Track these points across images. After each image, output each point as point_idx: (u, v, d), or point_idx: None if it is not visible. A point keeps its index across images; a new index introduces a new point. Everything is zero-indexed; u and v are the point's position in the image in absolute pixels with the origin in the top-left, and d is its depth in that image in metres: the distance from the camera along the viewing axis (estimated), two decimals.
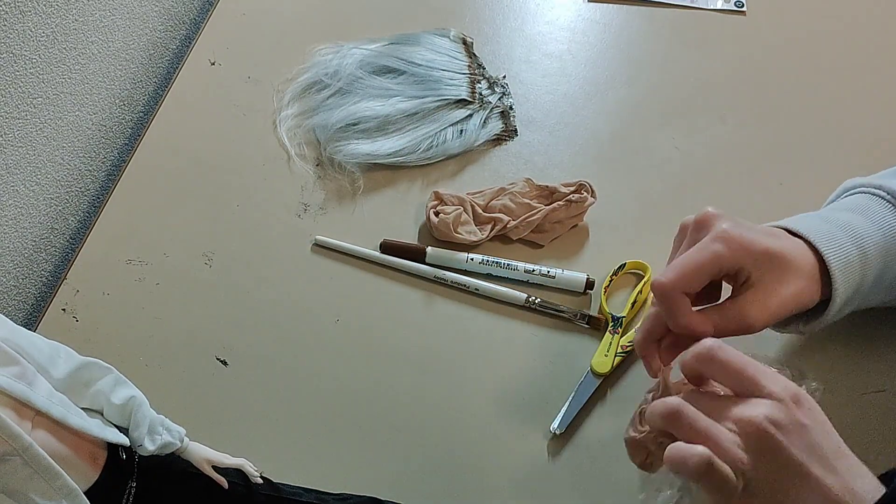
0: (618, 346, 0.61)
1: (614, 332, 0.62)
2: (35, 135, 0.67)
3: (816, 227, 0.50)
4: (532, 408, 0.59)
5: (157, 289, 0.65)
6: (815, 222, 0.51)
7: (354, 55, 0.79)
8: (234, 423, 0.59)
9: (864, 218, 0.52)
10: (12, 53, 0.62)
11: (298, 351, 0.62)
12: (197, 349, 0.62)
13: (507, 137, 0.75)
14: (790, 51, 0.82)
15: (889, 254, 0.51)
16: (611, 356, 0.60)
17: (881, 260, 0.51)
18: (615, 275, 0.65)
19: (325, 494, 0.54)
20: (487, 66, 0.80)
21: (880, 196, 0.53)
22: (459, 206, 0.68)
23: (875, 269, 0.51)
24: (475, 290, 0.65)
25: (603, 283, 0.64)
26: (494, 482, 0.56)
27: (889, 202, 0.53)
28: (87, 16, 0.71)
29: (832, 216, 0.53)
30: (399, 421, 0.59)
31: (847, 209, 0.54)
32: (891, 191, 0.53)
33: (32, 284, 0.70)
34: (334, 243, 0.67)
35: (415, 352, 0.62)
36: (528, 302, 0.64)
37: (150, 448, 0.48)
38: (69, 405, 0.45)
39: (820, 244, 0.49)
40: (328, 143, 0.73)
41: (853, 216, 0.52)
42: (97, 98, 0.75)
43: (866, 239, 0.51)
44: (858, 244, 0.50)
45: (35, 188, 0.68)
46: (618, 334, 0.61)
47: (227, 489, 0.51)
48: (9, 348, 0.43)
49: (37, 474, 0.41)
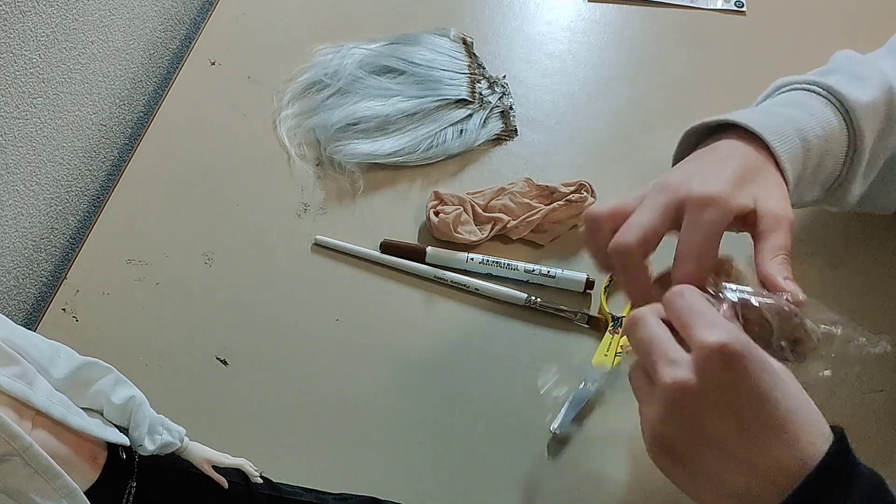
0: (618, 346, 0.61)
1: (614, 332, 0.62)
2: (35, 135, 0.67)
3: (763, 122, 0.50)
4: (532, 408, 0.59)
5: (157, 289, 0.66)
6: (761, 116, 0.51)
7: (354, 55, 0.79)
8: (234, 423, 0.59)
9: (803, 112, 0.52)
10: (12, 53, 0.62)
11: (298, 351, 0.62)
12: (197, 349, 0.62)
13: (507, 137, 0.75)
14: (790, 51, 0.82)
15: (826, 147, 0.52)
16: (611, 356, 0.60)
17: (819, 153, 0.52)
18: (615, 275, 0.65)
19: (325, 494, 0.54)
20: (487, 66, 0.80)
21: (816, 92, 0.54)
22: (459, 206, 0.68)
23: (813, 161, 0.52)
24: (475, 290, 0.65)
25: (603, 283, 0.64)
26: (494, 482, 0.56)
27: (825, 98, 0.53)
28: (87, 16, 0.71)
29: (774, 110, 0.53)
30: (399, 421, 0.59)
31: (786, 104, 0.54)
32: (826, 86, 0.53)
33: (32, 284, 0.70)
34: (334, 243, 0.67)
35: (415, 352, 0.62)
36: (528, 302, 0.64)
37: (150, 448, 0.48)
38: (69, 405, 0.45)
39: (770, 138, 0.49)
40: (328, 143, 0.73)
41: (794, 111, 0.52)
42: (97, 98, 0.75)
43: (808, 132, 0.51)
44: (802, 136, 0.51)
45: (35, 188, 0.68)
46: (618, 334, 0.61)
47: (227, 489, 0.51)
48: (9, 348, 0.43)
49: (37, 474, 0.41)
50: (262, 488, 0.52)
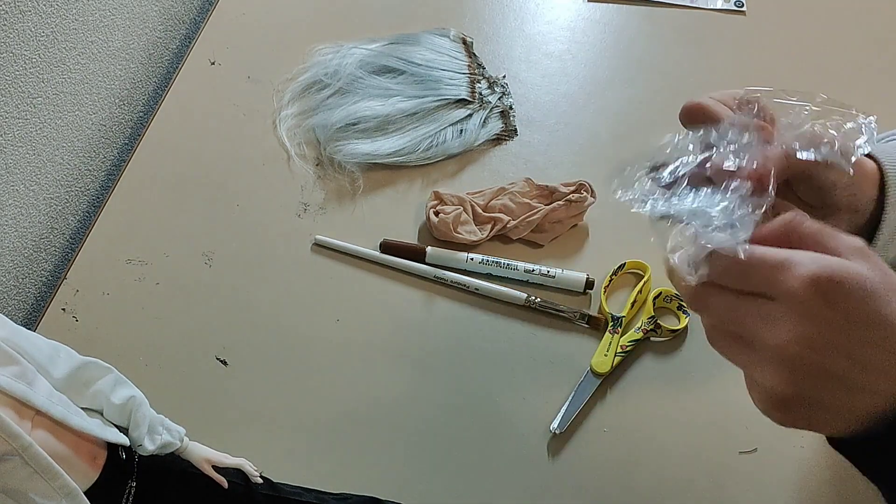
0: (618, 346, 0.61)
1: (614, 332, 0.62)
2: (35, 135, 0.67)
3: (884, 149, 0.48)
4: (532, 408, 0.59)
5: (157, 289, 0.66)
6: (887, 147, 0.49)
7: (354, 55, 0.79)
8: (234, 423, 0.59)
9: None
10: (12, 53, 0.62)
11: (298, 351, 0.62)
12: (197, 349, 0.62)
13: (507, 137, 0.75)
14: (790, 51, 0.82)
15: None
16: (610, 356, 0.60)
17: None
18: (615, 275, 0.65)
19: (325, 494, 0.54)
20: (487, 66, 0.80)
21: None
22: (459, 206, 0.68)
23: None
24: (475, 289, 0.65)
25: (602, 282, 0.64)
26: (494, 482, 0.56)
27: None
28: (87, 16, 0.71)
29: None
30: (399, 421, 0.59)
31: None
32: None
33: (32, 284, 0.70)
34: (334, 243, 0.67)
35: (415, 352, 0.62)
36: (528, 301, 0.64)
37: (149, 448, 0.48)
38: (69, 405, 0.45)
39: (882, 157, 0.47)
40: (328, 143, 0.73)
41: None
42: (97, 98, 0.75)
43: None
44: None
45: (35, 188, 0.68)
46: (617, 334, 0.61)
47: (227, 489, 0.51)
48: (9, 348, 0.43)
49: (36, 474, 0.41)
50: (262, 488, 0.52)
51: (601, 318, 0.63)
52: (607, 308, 0.63)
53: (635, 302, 0.63)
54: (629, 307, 0.63)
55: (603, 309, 0.63)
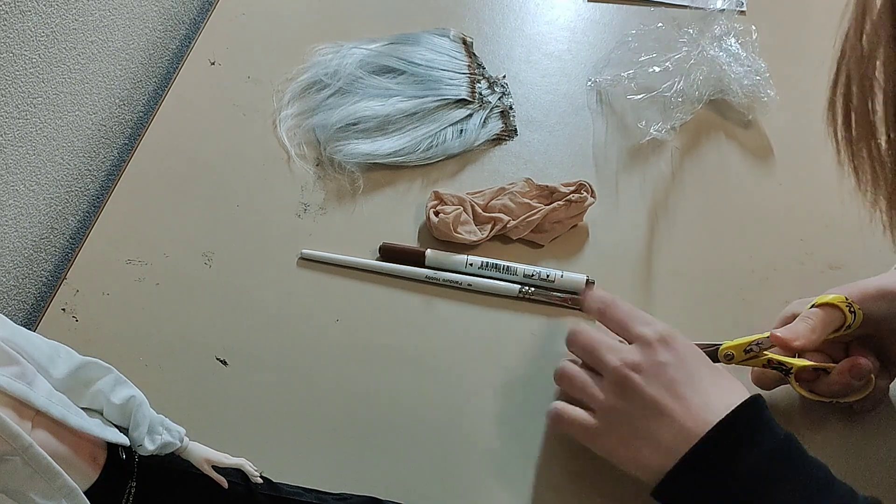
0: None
1: None
2: (35, 135, 0.67)
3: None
4: (532, 407, 0.59)
5: (157, 289, 0.65)
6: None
7: (354, 55, 0.79)
8: (234, 423, 0.59)
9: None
10: (12, 53, 0.62)
11: (298, 351, 0.62)
12: (197, 349, 0.62)
13: (507, 137, 0.75)
14: (790, 51, 0.82)
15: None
16: None
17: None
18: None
19: (325, 494, 0.54)
20: (487, 66, 0.80)
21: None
22: (459, 206, 0.68)
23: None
24: (468, 286, 0.65)
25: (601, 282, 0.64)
26: (494, 482, 0.56)
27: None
28: (87, 16, 0.71)
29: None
30: (399, 421, 0.59)
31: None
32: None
33: (32, 284, 0.70)
34: (322, 255, 0.67)
35: (414, 351, 0.62)
36: (522, 293, 0.64)
37: (149, 448, 0.48)
38: (69, 405, 0.45)
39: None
40: (328, 143, 0.73)
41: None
42: (97, 98, 0.75)
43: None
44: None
45: (35, 188, 0.68)
46: None
47: (227, 489, 0.51)
48: (9, 348, 0.43)
49: (37, 474, 0.41)
50: (262, 488, 0.52)
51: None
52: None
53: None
54: None
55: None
